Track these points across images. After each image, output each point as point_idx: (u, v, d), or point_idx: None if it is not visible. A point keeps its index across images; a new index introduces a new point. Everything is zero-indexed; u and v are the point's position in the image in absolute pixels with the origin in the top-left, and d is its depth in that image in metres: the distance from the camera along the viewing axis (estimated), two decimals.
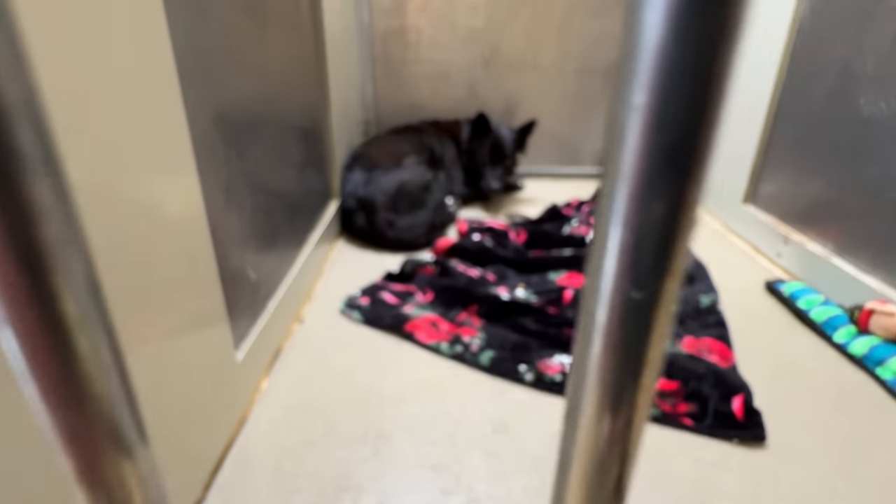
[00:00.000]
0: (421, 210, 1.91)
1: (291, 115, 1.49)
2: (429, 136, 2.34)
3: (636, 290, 0.24)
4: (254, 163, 1.17)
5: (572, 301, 1.46)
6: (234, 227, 1.08)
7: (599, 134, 2.70)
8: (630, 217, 0.23)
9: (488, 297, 1.45)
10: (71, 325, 0.23)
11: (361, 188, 1.89)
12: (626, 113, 0.23)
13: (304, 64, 1.59)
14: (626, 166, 0.23)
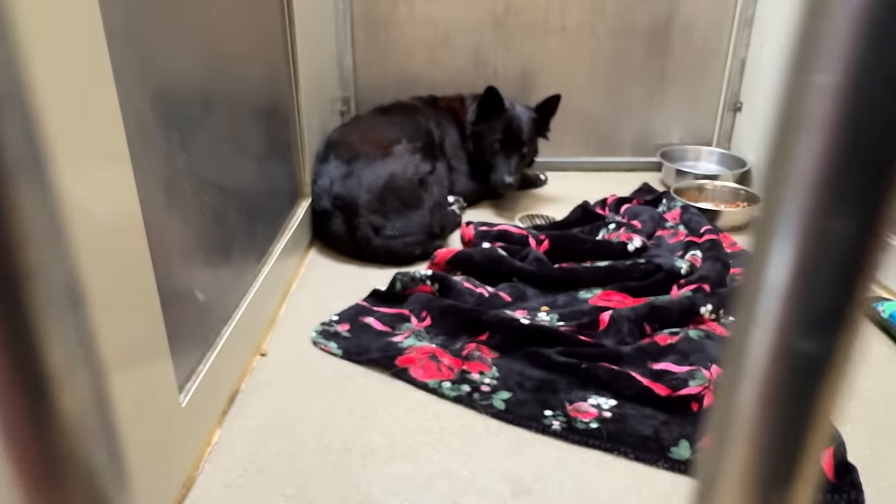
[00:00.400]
0: (415, 211, 1.92)
1: (249, 93, 1.51)
2: (424, 117, 2.35)
3: (806, 336, 0.22)
4: (202, 153, 1.18)
5: (610, 325, 1.47)
6: (178, 234, 1.09)
7: (641, 114, 2.73)
8: (803, 237, 0.21)
9: (502, 322, 1.45)
10: (54, 379, 0.23)
11: (339, 184, 1.90)
12: (805, 95, 0.21)
13: (265, 27, 1.61)
14: (801, 168, 0.21)
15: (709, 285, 1.62)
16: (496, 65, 2.63)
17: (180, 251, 1.10)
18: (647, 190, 2.42)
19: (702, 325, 1.52)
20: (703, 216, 2.06)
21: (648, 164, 2.76)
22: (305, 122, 1.89)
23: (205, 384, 1.12)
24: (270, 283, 1.55)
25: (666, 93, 2.70)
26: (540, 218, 2.28)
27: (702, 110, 2.74)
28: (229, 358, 1.26)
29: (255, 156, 1.53)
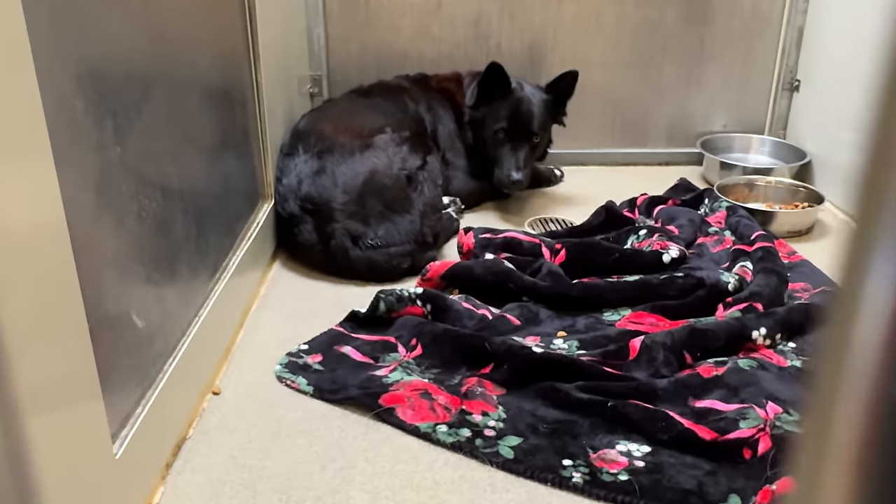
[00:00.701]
0: (402, 216, 1.92)
1: (198, 72, 1.51)
2: (413, 101, 2.36)
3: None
4: (141, 146, 1.18)
5: (642, 354, 1.47)
6: (112, 245, 1.08)
7: (677, 96, 2.74)
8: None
9: (510, 351, 1.45)
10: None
11: (309, 183, 1.90)
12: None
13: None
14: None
15: (762, 304, 1.62)
16: (499, 37, 2.63)
17: (114, 267, 1.09)
18: (685, 188, 2.41)
19: (754, 352, 1.51)
20: (754, 219, 2.06)
21: (687, 156, 2.77)
22: (267, 106, 1.89)
23: (144, 430, 1.11)
24: (225, 304, 1.54)
25: (707, 69, 2.71)
26: (555, 223, 2.28)
27: (751, 90, 2.75)
28: (174, 397, 1.25)
29: (205, 149, 1.53)
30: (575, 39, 2.65)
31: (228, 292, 1.56)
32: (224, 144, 1.66)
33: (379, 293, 1.65)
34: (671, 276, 1.75)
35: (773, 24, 2.66)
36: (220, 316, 1.52)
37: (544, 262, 1.83)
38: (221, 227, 1.63)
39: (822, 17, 2.52)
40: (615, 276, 1.82)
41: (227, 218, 1.69)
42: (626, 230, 2.06)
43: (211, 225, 1.54)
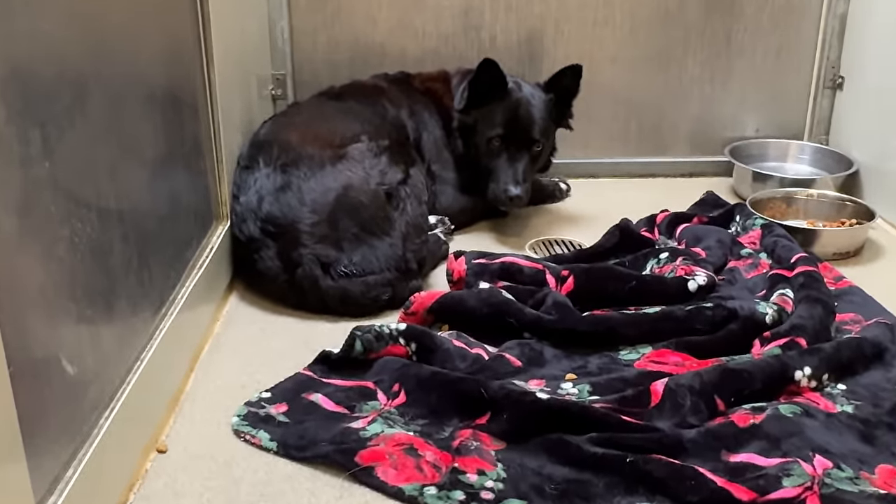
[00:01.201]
0: (381, 239, 1.91)
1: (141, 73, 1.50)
2: (393, 104, 2.36)
3: None
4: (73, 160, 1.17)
5: (665, 400, 1.45)
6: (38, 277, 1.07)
7: (702, 96, 2.75)
8: None
9: (510, 397, 1.44)
10: None
11: (271, 201, 1.89)
12: None
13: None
14: None
15: (805, 339, 1.62)
16: (493, 29, 2.65)
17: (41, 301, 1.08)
18: (712, 203, 2.42)
19: (797, 396, 1.51)
20: (794, 239, 2.07)
21: (714, 165, 2.79)
22: (222, 111, 1.89)
23: (76, 496, 1.10)
24: (172, 344, 1.53)
25: (735, 65, 2.74)
26: (561, 245, 2.28)
27: (787, 89, 2.78)
28: (112, 456, 1.24)
29: (149, 162, 1.52)
30: (581, 31, 2.67)
31: (176, 331, 1.54)
32: (171, 157, 1.65)
33: (354, 330, 1.63)
34: (698, 307, 1.74)
35: (810, 13, 2.69)
36: (167, 359, 1.50)
37: (549, 291, 1.82)
38: (168, 253, 1.62)
39: (868, 3, 2.54)
40: (632, 308, 1.81)
41: (175, 243, 1.68)
42: (644, 253, 2.06)
43: (155, 252, 1.53)
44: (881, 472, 1.32)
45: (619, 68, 2.71)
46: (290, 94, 2.63)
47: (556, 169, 2.58)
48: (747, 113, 2.79)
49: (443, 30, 2.64)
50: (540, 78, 2.42)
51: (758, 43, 2.71)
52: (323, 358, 1.64)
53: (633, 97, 2.75)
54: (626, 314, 1.76)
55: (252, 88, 2.33)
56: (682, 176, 2.80)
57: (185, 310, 1.60)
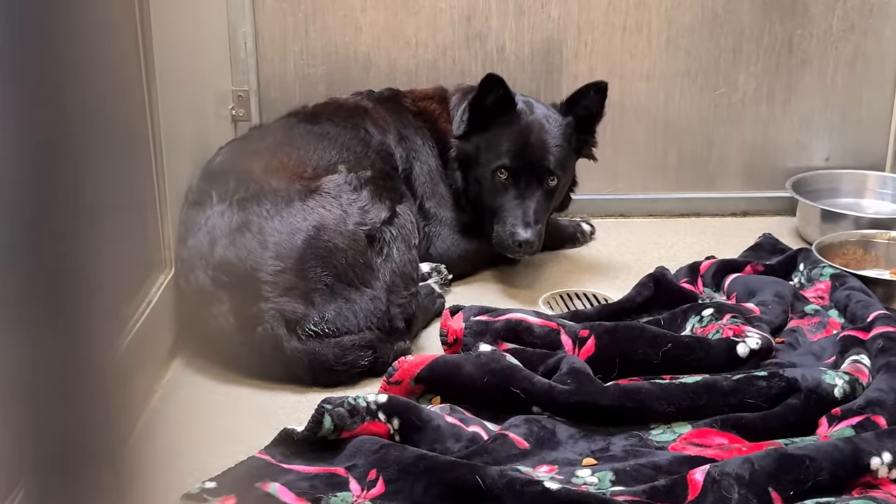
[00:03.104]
0: (360, 291, 1.92)
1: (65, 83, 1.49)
2: (378, 128, 2.37)
3: None
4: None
5: (707, 492, 1.43)
6: None
7: (757, 118, 2.75)
8: None
9: (512, 486, 1.42)
10: None
11: (226, 244, 1.90)
12: None
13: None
14: None
15: (885, 417, 1.60)
16: (502, 38, 2.67)
17: None
18: (770, 248, 2.42)
19: (875, 490, 1.48)
20: (872, 293, 2.05)
21: (772, 202, 2.80)
22: (166, 135, 1.90)
23: None
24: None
25: (799, 80, 2.74)
26: (581, 299, 2.28)
27: (864, 109, 2.79)
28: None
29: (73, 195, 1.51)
30: (608, 40, 2.68)
31: None
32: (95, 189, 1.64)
33: (323, 403, 1.62)
34: (749, 377, 1.72)
35: (892, 15, 2.70)
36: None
37: (565, 355, 1.81)
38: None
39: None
40: (667, 377, 1.80)
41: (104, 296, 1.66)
42: (683, 309, 2.04)
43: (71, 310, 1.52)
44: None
45: (654, 85, 2.72)
46: (254, 115, 2.64)
47: (577, 207, 2.59)
48: (814, 138, 2.80)
49: (440, 38, 2.66)
50: (557, 97, 2.43)
51: (826, 53, 2.73)
52: (284, 438, 1.62)
53: (673, 120, 2.76)
54: (660, 384, 1.74)
55: (207, 107, 2.33)
56: (734, 215, 2.81)
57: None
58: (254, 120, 2.63)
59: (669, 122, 2.75)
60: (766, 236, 2.48)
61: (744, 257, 2.36)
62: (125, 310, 1.76)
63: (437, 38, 2.66)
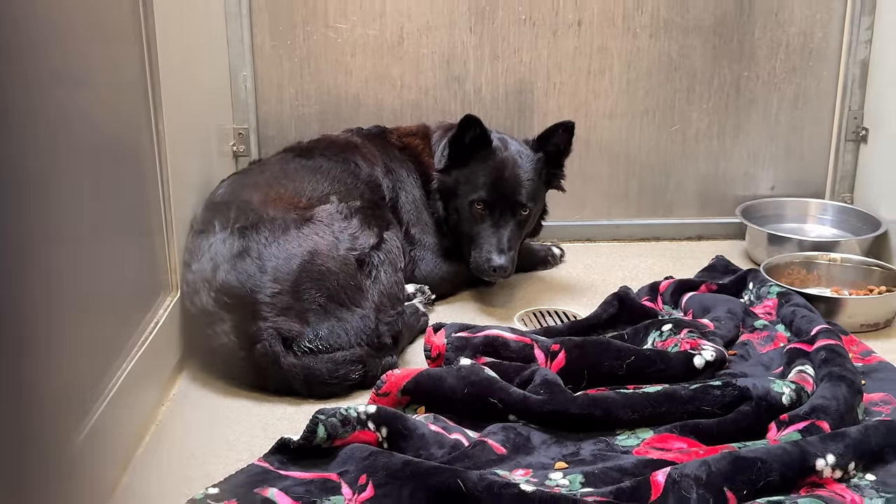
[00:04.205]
0: (350, 311, 1.91)
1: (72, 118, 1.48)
2: (367, 162, 2.36)
3: None
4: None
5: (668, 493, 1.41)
6: None
7: (709, 151, 2.76)
8: None
9: (491, 489, 1.41)
10: None
11: (227, 269, 1.89)
12: None
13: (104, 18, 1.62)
14: None
15: (828, 422, 1.59)
16: (478, 80, 2.67)
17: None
18: (722, 269, 2.42)
19: (820, 488, 1.47)
20: (815, 309, 2.05)
21: (724, 227, 2.80)
22: (172, 169, 1.89)
23: None
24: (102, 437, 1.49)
25: (747, 117, 2.76)
26: (553, 316, 2.27)
27: (805, 143, 2.80)
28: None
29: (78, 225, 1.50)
30: (575, 82, 2.69)
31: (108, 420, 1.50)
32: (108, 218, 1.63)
33: (317, 414, 1.61)
34: (705, 386, 1.72)
35: (829, 59, 2.72)
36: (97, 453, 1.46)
37: (538, 368, 1.81)
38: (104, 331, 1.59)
39: (892, 47, 2.56)
40: (631, 387, 1.79)
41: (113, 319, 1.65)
42: (645, 325, 2.05)
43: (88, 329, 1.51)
44: None
45: (616, 122, 2.73)
46: (254, 150, 2.65)
47: (548, 232, 2.59)
48: (761, 169, 2.81)
49: (423, 81, 2.67)
50: (530, 133, 2.44)
51: (771, 92, 2.74)
52: (281, 446, 1.60)
53: (633, 154, 2.77)
54: (625, 394, 1.73)
55: (210, 143, 2.33)
56: (689, 239, 2.81)
57: (120, 394, 1.56)
58: (253, 155, 2.63)
59: (630, 155, 2.76)
60: (718, 258, 2.49)
61: (699, 277, 2.36)
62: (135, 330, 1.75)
63: (420, 80, 2.66)
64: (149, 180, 1.84)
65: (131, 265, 1.78)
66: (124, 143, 1.74)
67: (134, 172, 1.78)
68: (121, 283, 1.72)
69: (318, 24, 2.60)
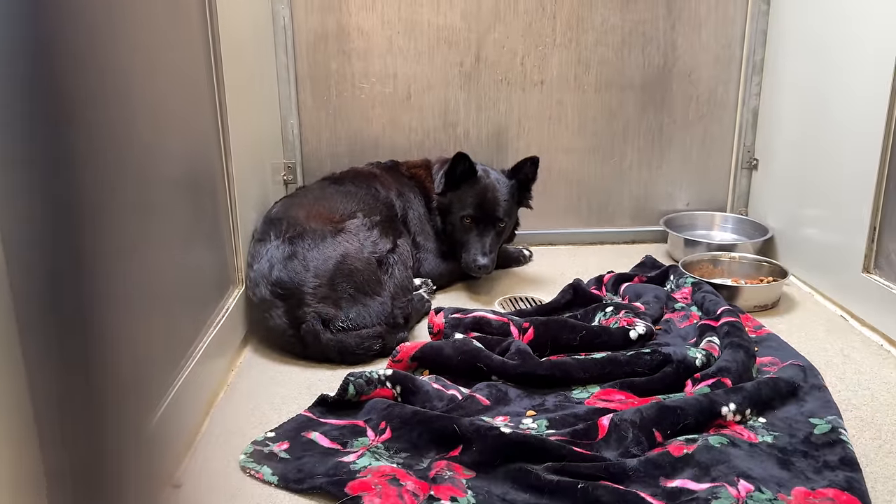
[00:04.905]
0: (373, 298, 1.91)
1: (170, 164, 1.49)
2: (384, 187, 2.37)
3: None
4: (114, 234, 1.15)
5: (611, 432, 1.43)
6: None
7: (640, 177, 2.78)
8: None
9: (479, 432, 1.41)
10: None
11: (280, 268, 1.89)
12: None
13: (186, 82, 1.63)
14: None
15: (730, 379, 1.60)
16: (467, 125, 2.68)
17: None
18: (650, 264, 2.42)
19: (724, 429, 1.48)
20: (720, 294, 2.06)
21: (651, 233, 2.80)
22: (238, 194, 1.89)
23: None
24: (189, 393, 1.49)
25: (667, 152, 2.76)
26: (524, 301, 2.27)
27: (711, 170, 2.80)
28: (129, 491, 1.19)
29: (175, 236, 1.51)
30: (539, 126, 2.70)
31: (193, 381, 1.51)
32: (192, 231, 1.64)
33: (348, 376, 1.61)
34: (638, 353, 1.72)
35: (728, 108, 2.72)
36: (184, 405, 1.47)
37: (513, 340, 1.81)
38: (190, 314, 1.60)
39: (775, 99, 2.58)
40: (583, 354, 1.79)
41: (197, 304, 1.65)
42: (593, 307, 2.04)
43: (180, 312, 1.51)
44: (796, 493, 1.28)
45: (571, 156, 2.73)
46: (300, 179, 2.64)
47: (520, 238, 2.58)
48: (678, 190, 2.80)
49: (425, 126, 2.66)
50: (505, 165, 2.43)
51: (685, 133, 2.74)
52: (321, 401, 1.61)
53: (583, 179, 2.76)
54: (578, 359, 1.73)
55: (266, 174, 2.33)
56: (625, 243, 2.81)
57: (201, 362, 1.57)
58: (299, 182, 2.62)
59: (581, 181, 2.75)
60: (647, 257, 2.48)
61: (633, 271, 2.36)
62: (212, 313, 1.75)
63: (424, 125, 2.66)
64: (221, 202, 1.84)
65: (209, 265, 1.78)
66: (204, 176, 1.74)
67: (211, 197, 1.78)
68: (201, 278, 1.72)
69: (346, 85, 2.59)
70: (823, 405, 1.55)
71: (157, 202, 1.43)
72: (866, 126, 1.99)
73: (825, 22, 2.24)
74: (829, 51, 2.21)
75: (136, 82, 1.30)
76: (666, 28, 2.63)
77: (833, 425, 1.46)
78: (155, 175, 1.41)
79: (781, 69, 2.53)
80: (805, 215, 2.36)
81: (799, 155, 2.41)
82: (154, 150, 1.41)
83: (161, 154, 1.46)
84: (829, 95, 2.21)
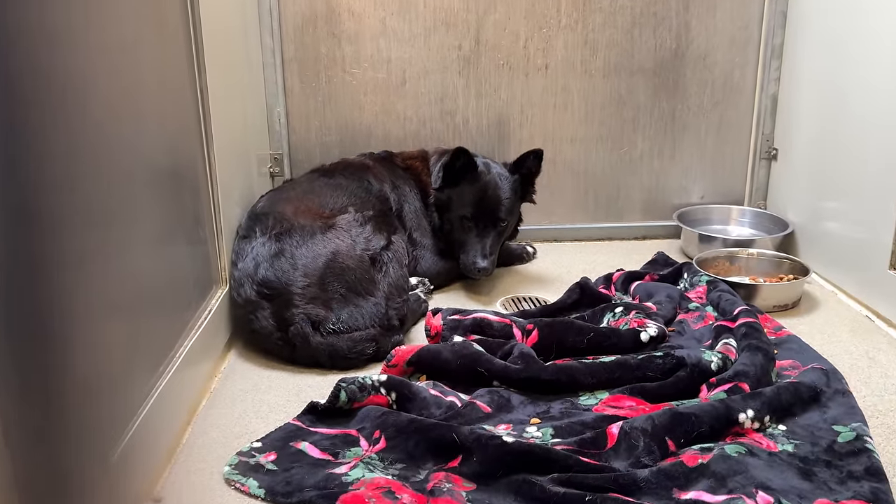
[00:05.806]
0: (366, 299, 1.90)
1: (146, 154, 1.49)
2: (377, 179, 2.36)
3: None
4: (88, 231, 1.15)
5: (620, 441, 1.43)
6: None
7: (651, 168, 2.78)
8: None
9: (480, 441, 1.41)
10: None
11: (266, 266, 1.88)
12: None
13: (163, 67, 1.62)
14: None
15: (748, 384, 1.60)
16: (466, 113, 2.68)
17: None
18: (662, 262, 2.42)
19: (742, 437, 1.48)
20: (737, 293, 2.06)
21: (663, 229, 2.80)
22: (221, 188, 1.89)
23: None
24: (169, 401, 1.49)
25: (680, 141, 2.76)
26: (527, 301, 2.27)
27: (727, 161, 2.80)
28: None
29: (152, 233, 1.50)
30: (543, 115, 2.70)
31: (173, 388, 1.51)
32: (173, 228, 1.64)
33: (340, 382, 1.61)
34: (650, 356, 1.72)
35: (745, 93, 2.72)
36: (163, 414, 1.46)
37: (516, 343, 1.80)
38: (169, 316, 1.60)
39: (795, 84, 2.58)
40: (590, 357, 1.79)
41: (176, 306, 1.65)
42: (601, 308, 2.04)
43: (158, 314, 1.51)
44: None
45: (577, 146, 2.73)
46: (287, 172, 2.64)
47: (523, 234, 2.58)
48: (692, 182, 2.81)
49: (421, 114, 2.66)
50: (507, 156, 2.44)
51: (700, 121, 2.74)
52: (311, 408, 1.61)
53: (591, 171, 2.76)
54: (585, 363, 1.73)
55: (251, 166, 2.33)
56: (636, 239, 2.81)
57: (182, 368, 1.57)
58: (286, 175, 2.62)
59: (588, 172, 2.76)
60: (659, 254, 2.49)
61: (644, 269, 2.36)
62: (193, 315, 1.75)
63: (420, 114, 2.66)
64: (202, 197, 1.84)
65: (190, 265, 1.78)
66: (183, 169, 1.74)
67: (191, 192, 1.78)
68: (181, 279, 1.72)
69: (337, 70, 2.59)
70: (848, 411, 1.55)
71: (131, 199, 1.42)
72: (889, 120, 2.00)
73: (845, 9, 2.25)
74: (846, 44, 2.23)
75: (102, 69, 1.30)
76: (679, 8, 2.63)
77: (858, 433, 1.46)
78: (127, 170, 1.40)
79: (801, 55, 2.53)
80: (827, 209, 2.37)
81: (819, 145, 2.41)
82: (126, 143, 1.40)
83: (135, 147, 1.45)
84: (847, 89, 2.23)
